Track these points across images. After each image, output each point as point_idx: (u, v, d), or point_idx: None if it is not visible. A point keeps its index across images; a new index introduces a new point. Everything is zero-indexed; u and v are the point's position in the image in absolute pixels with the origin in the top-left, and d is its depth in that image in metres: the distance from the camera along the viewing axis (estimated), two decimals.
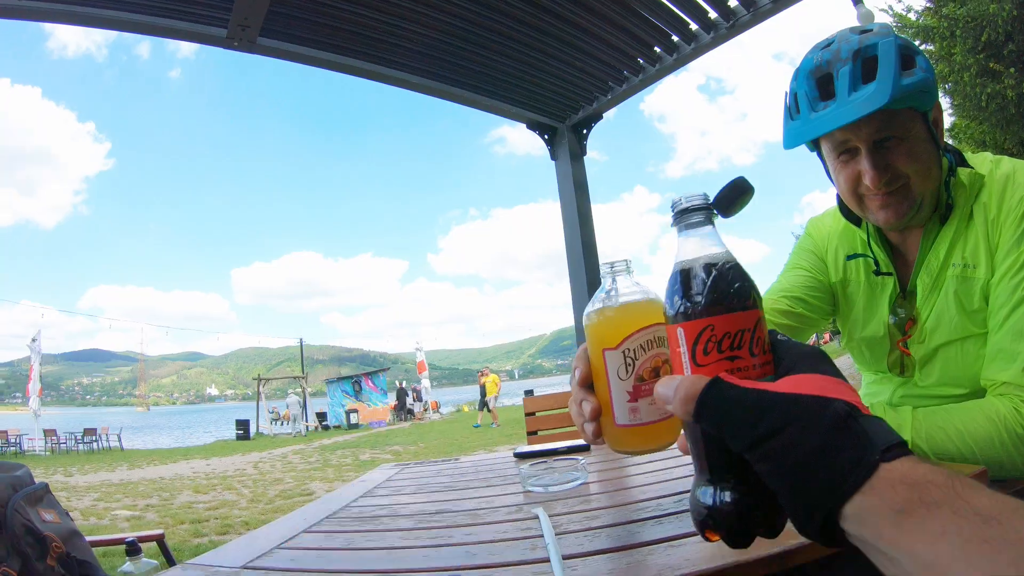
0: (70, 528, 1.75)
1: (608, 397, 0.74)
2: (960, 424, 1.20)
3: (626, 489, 1.33)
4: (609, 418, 0.75)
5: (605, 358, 0.74)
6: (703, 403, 0.55)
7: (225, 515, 7.60)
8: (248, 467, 14.38)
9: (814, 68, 1.32)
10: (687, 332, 0.60)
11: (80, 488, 11.61)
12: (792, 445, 0.50)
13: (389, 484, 1.76)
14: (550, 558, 0.83)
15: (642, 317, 0.73)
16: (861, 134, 1.29)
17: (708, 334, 0.59)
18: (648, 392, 0.71)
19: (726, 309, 0.59)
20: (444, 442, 17.11)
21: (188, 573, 0.93)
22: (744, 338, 0.59)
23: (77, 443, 23.91)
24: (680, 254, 0.64)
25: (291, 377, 39.18)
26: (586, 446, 1.91)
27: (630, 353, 0.73)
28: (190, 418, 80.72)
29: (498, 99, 4.92)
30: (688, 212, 0.64)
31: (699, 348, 0.59)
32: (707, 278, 0.61)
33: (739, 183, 0.67)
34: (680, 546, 0.83)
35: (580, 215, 5.12)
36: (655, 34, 4.42)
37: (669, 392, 0.58)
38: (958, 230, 1.36)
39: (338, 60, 4.12)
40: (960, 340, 1.36)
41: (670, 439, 0.74)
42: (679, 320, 0.61)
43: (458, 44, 4.20)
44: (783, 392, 0.53)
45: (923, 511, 0.44)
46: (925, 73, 1.24)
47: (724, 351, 0.58)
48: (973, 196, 1.35)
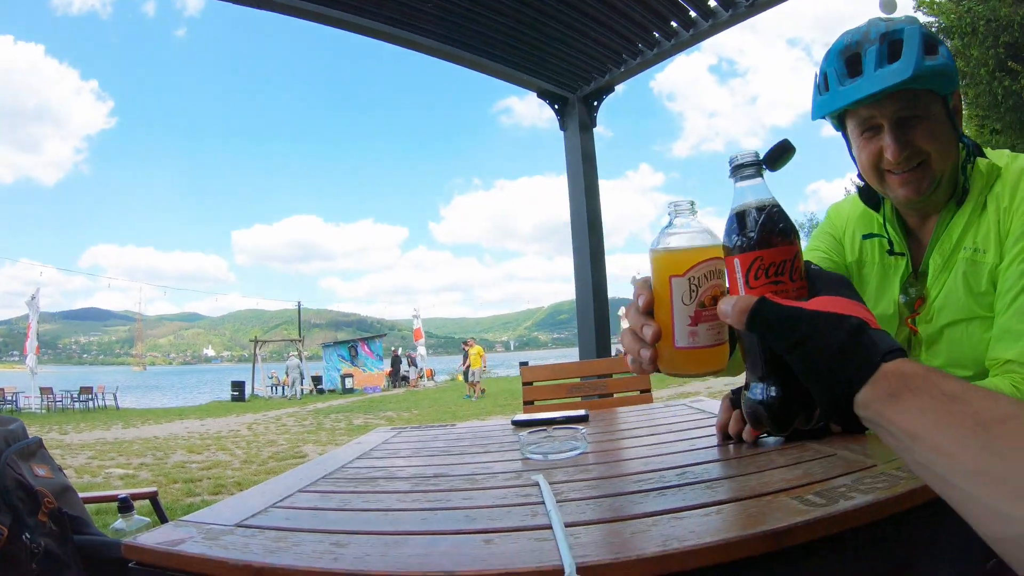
0: (63, 483, 1.74)
1: (670, 321, 0.82)
2: None
3: (626, 460, 1.32)
4: (668, 342, 0.82)
5: (671, 285, 0.82)
6: (753, 316, 0.72)
7: (218, 475, 7.64)
8: (242, 428, 14.47)
9: (844, 48, 1.42)
10: (742, 262, 0.78)
11: (75, 446, 11.68)
12: (818, 349, 0.68)
13: (385, 447, 1.74)
14: (552, 525, 0.81)
15: (706, 251, 0.82)
16: (885, 111, 1.38)
17: (758, 264, 0.76)
18: (707, 318, 0.81)
19: (772, 244, 0.76)
20: (438, 409, 17.20)
21: (181, 530, 0.92)
22: (785, 267, 0.76)
23: (73, 401, 23.97)
24: (736, 201, 0.80)
25: (288, 340, 39.29)
26: (584, 416, 1.90)
27: (695, 281, 0.81)
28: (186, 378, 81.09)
29: (510, 66, 4.86)
30: (743, 167, 0.81)
31: (751, 275, 0.77)
32: (758, 219, 0.78)
33: (784, 144, 0.85)
34: (684, 518, 0.82)
35: (587, 187, 5.08)
36: (673, 8, 4.36)
37: (728, 308, 0.75)
38: (972, 216, 1.42)
39: (349, 19, 4.06)
40: (966, 321, 1.41)
41: (719, 365, 0.84)
42: (735, 253, 0.78)
43: (472, 8, 4.14)
44: (812, 309, 0.70)
45: (908, 395, 0.61)
46: (946, 60, 1.34)
47: (770, 277, 0.76)
48: (988, 186, 1.42)
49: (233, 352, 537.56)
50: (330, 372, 31.03)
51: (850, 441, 1.16)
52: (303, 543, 0.84)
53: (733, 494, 0.92)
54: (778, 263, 0.76)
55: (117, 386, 26.46)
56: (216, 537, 0.88)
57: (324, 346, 35.22)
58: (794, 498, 0.84)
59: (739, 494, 0.91)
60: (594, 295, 5.06)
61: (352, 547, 0.81)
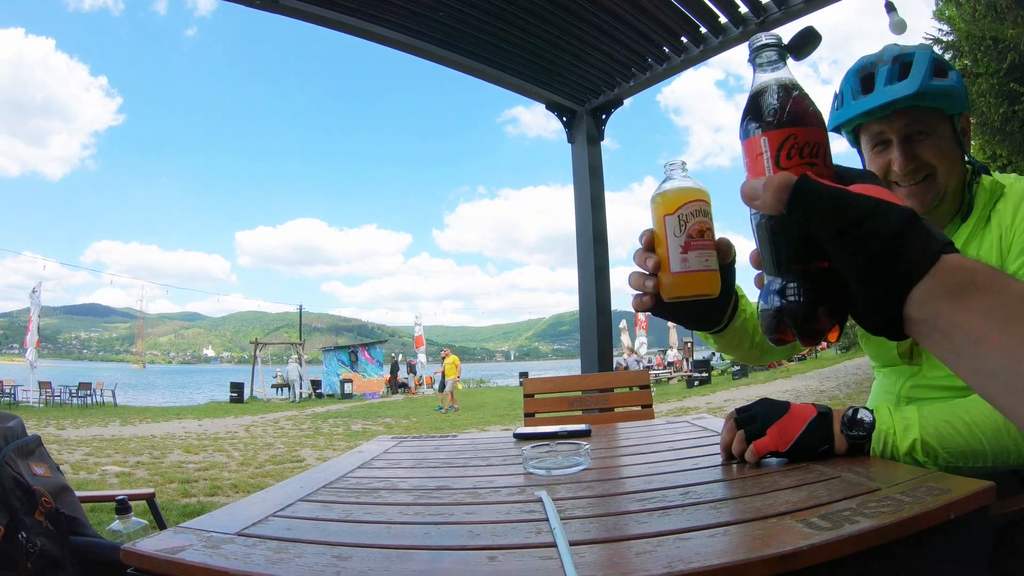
0: (60, 483, 1.74)
1: (666, 253, 1.00)
2: (966, 416, 1.21)
3: (629, 478, 1.31)
4: (666, 270, 1.00)
5: (665, 222, 1.00)
6: (796, 194, 0.64)
7: (215, 476, 7.64)
8: (240, 430, 14.46)
9: (859, 69, 1.57)
10: (771, 140, 0.71)
11: (71, 442, 11.69)
12: (873, 234, 0.60)
13: (387, 456, 1.74)
14: (556, 543, 0.81)
15: (691, 193, 1.01)
16: (894, 126, 1.50)
17: (791, 142, 0.70)
18: (695, 247, 0.99)
19: (806, 123, 0.71)
20: (436, 417, 17.18)
21: (181, 537, 0.91)
22: (820, 150, 0.71)
23: (71, 397, 23.96)
24: (758, 81, 0.76)
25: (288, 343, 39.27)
26: (587, 431, 1.89)
27: (683, 217, 0.99)
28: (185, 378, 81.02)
29: (520, 77, 4.87)
30: (766, 48, 0.76)
31: (782, 153, 0.70)
32: (789, 95, 0.73)
33: (809, 31, 0.83)
34: (689, 539, 0.81)
35: (593, 200, 5.09)
36: (684, 24, 4.37)
37: (758, 187, 0.68)
38: (975, 231, 1.50)
39: (361, 26, 4.06)
40: None
41: (710, 289, 1.00)
42: (762, 130, 0.72)
43: (483, 18, 4.15)
44: (861, 192, 0.63)
45: (974, 292, 0.55)
46: (955, 83, 1.45)
47: (805, 157, 0.70)
48: (992, 203, 1.49)
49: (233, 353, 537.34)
50: (329, 376, 31.00)
51: (854, 464, 1.16)
52: (305, 555, 0.83)
53: (738, 515, 0.91)
54: (812, 144, 0.71)
55: (116, 383, 26.48)
56: (216, 546, 0.87)
57: (324, 350, 35.21)
58: (799, 521, 0.84)
59: (744, 516, 0.90)
60: (598, 309, 5.05)
61: (355, 560, 0.80)
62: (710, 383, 22.28)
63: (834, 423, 1.25)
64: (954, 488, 0.92)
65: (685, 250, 0.98)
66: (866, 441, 1.22)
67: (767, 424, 1.25)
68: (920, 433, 1.21)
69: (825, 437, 1.23)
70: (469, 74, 4.76)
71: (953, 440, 1.20)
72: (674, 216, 0.99)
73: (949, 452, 1.19)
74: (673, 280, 0.99)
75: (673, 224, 0.99)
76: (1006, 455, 1.20)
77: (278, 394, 30.04)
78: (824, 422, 1.24)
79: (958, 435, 1.20)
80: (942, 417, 1.23)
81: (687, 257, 0.98)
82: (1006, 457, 1.21)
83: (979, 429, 1.20)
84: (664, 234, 1.00)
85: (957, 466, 1.20)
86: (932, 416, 1.23)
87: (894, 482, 0.98)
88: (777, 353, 1.72)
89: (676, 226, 0.99)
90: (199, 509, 5.60)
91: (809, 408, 1.26)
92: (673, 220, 0.99)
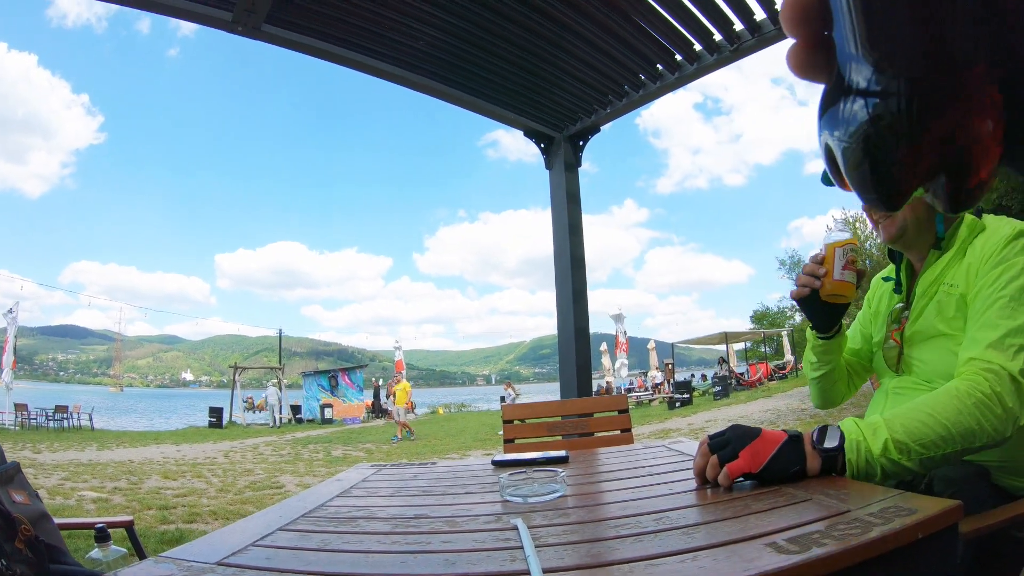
0: (40, 511, 1.73)
1: (832, 268, 1.64)
2: (926, 408, 1.34)
3: (604, 505, 1.33)
4: (829, 277, 1.64)
5: (835, 252, 1.65)
6: None
7: (193, 503, 7.53)
8: (219, 455, 14.27)
9: None
10: None
11: (48, 466, 11.48)
12: None
13: (366, 485, 1.75)
14: (530, 571, 0.83)
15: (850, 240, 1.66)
16: None
17: None
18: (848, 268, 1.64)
19: None
20: (416, 443, 17.06)
21: (161, 567, 0.92)
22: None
23: (48, 419, 23.49)
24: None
25: (268, 368, 38.86)
26: (564, 457, 1.91)
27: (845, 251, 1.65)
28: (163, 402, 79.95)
29: (498, 104, 4.92)
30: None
31: None
32: None
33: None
34: (660, 565, 0.84)
35: (571, 226, 5.13)
36: (659, 52, 4.44)
37: None
38: (952, 260, 1.67)
39: (341, 53, 4.10)
40: (932, 337, 1.67)
41: (851, 295, 1.66)
42: None
43: (462, 46, 4.20)
44: None
45: None
46: None
47: None
48: (971, 239, 1.66)
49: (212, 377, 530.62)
50: (309, 401, 30.64)
51: (826, 485, 1.19)
52: None
53: (708, 540, 0.93)
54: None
55: (93, 406, 26.05)
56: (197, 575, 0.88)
57: (304, 375, 34.84)
58: (768, 545, 0.86)
59: (714, 540, 0.92)
60: (576, 334, 5.06)
61: None
62: (691, 404, 22.29)
63: (805, 444, 1.28)
64: (922, 508, 0.94)
65: (843, 269, 1.63)
66: (839, 452, 1.27)
67: (739, 448, 1.28)
68: (888, 433, 1.29)
69: (797, 458, 1.27)
70: (448, 101, 4.80)
71: (920, 431, 1.29)
72: (841, 249, 1.64)
73: (920, 443, 1.28)
74: (833, 283, 1.63)
75: (839, 253, 1.64)
76: (972, 436, 1.32)
77: (257, 416, 29.67)
78: (795, 444, 1.28)
79: (924, 426, 1.30)
80: (905, 414, 1.34)
81: (844, 273, 1.63)
82: (972, 438, 1.32)
83: (941, 416, 1.32)
84: (832, 258, 1.64)
85: (932, 457, 1.29)
86: (896, 416, 1.33)
87: (864, 503, 1.01)
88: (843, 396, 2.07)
89: (841, 254, 1.63)
90: (178, 536, 5.53)
91: (780, 433, 1.30)
92: (840, 251, 1.63)
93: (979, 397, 1.34)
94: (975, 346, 1.47)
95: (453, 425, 23.93)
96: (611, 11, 3.94)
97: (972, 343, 1.49)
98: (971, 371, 1.42)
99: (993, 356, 1.42)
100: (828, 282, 1.63)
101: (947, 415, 1.32)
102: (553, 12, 3.86)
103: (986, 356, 1.42)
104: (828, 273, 1.63)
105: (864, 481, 1.28)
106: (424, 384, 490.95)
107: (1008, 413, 1.35)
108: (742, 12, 4.07)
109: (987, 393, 1.35)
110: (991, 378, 1.38)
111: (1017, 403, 1.36)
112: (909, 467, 1.29)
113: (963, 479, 1.54)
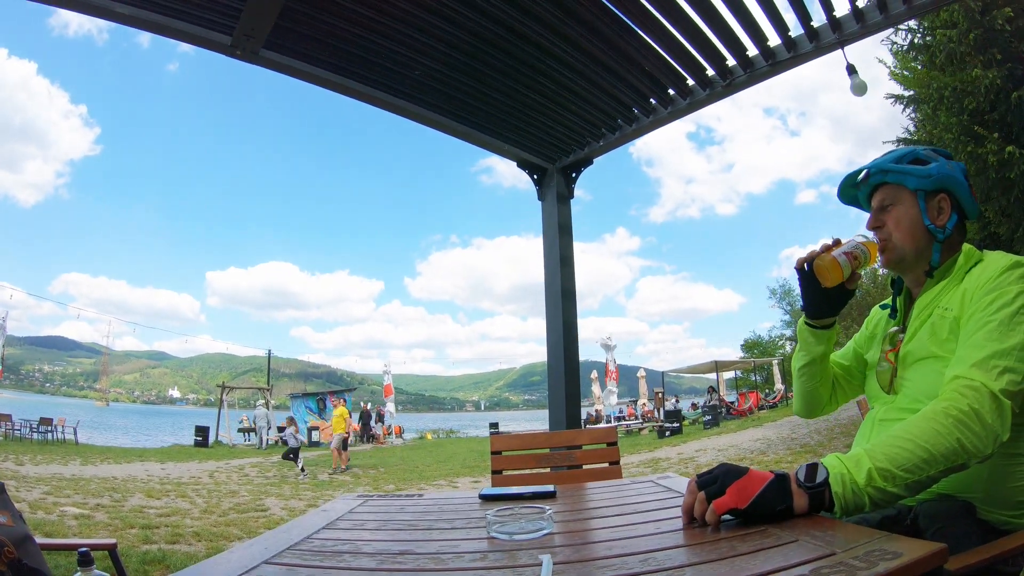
0: (23, 532, 1.71)
1: (839, 249, 1.74)
2: (905, 433, 1.38)
3: (591, 544, 1.33)
4: (830, 252, 1.73)
5: (850, 241, 1.77)
6: None
7: (176, 523, 7.44)
8: (204, 476, 14.14)
9: None
10: None
11: (30, 479, 11.34)
12: None
13: (352, 516, 1.74)
14: None
15: (866, 242, 1.78)
16: (875, 197, 1.88)
17: None
18: (848, 255, 1.72)
19: None
20: (404, 468, 16.95)
21: None
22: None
23: (32, 431, 23.18)
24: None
25: (256, 388, 38.49)
26: (552, 493, 1.91)
27: (854, 243, 1.76)
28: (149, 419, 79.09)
29: (491, 135, 4.96)
30: None
31: None
32: None
33: None
34: None
35: (562, 258, 5.16)
36: (653, 86, 4.50)
37: None
38: (947, 287, 1.73)
39: (338, 80, 4.14)
40: (924, 359, 1.70)
41: (841, 277, 1.72)
42: None
43: (458, 77, 4.24)
44: None
45: None
46: (930, 170, 1.76)
47: None
48: (967, 269, 1.72)
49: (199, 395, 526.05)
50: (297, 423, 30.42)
51: (812, 527, 1.19)
52: None
53: None
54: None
55: (78, 420, 25.76)
56: None
57: (292, 396, 34.57)
58: None
59: None
60: (566, 365, 5.06)
61: None
62: (681, 433, 22.23)
63: (791, 483, 1.29)
64: (907, 551, 0.95)
65: (845, 256, 1.72)
66: (825, 487, 1.28)
67: (726, 485, 1.30)
68: (871, 462, 1.32)
69: (783, 496, 1.28)
70: (442, 131, 4.83)
71: (902, 456, 1.32)
72: (856, 242, 1.77)
73: (903, 469, 1.31)
74: (829, 259, 1.71)
75: (852, 244, 1.76)
76: (953, 455, 1.34)
77: (245, 439, 29.41)
78: (781, 483, 1.29)
79: (904, 451, 1.33)
80: (886, 442, 1.37)
81: (843, 258, 1.71)
82: (954, 456, 1.34)
83: (920, 439, 1.35)
84: (844, 244, 1.77)
85: (918, 480, 1.32)
86: (877, 446, 1.36)
87: (849, 546, 1.01)
88: (822, 410, 2.12)
89: (852, 245, 1.76)
90: (160, 557, 5.46)
91: (767, 473, 1.31)
92: (854, 243, 1.77)
93: (956, 415, 1.37)
94: (960, 365, 1.51)
95: (442, 451, 23.78)
96: (605, 45, 3.99)
97: (958, 362, 1.53)
98: (952, 388, 1.45)
99: (976, 375, 1.45)
100: (826, 255, 1.73)
101: (926, 437, 1.35)
102: (548, 45, 3.92)
103: (969, 374, 1.46)
104: (831, 250, 1.75)
105: (855, 512, 1.31)
106: (413, 409, 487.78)
107: (988, 430, 1.37)
108: (735, 48, 4.13)
109: (964, 410, 1.38)
110: (971, 395, 1.41)
111: (998, 420, 1.39)
112: (896, 492, 1.31)
113: (948, 514, 1.54)
